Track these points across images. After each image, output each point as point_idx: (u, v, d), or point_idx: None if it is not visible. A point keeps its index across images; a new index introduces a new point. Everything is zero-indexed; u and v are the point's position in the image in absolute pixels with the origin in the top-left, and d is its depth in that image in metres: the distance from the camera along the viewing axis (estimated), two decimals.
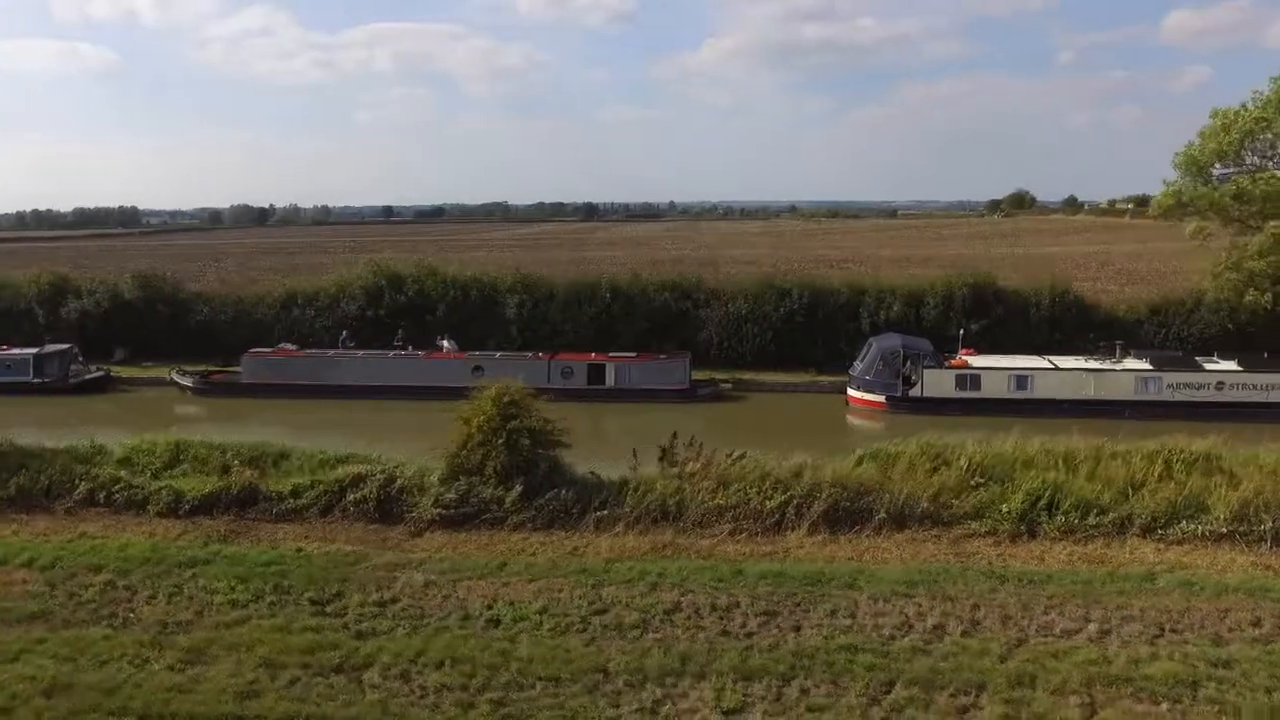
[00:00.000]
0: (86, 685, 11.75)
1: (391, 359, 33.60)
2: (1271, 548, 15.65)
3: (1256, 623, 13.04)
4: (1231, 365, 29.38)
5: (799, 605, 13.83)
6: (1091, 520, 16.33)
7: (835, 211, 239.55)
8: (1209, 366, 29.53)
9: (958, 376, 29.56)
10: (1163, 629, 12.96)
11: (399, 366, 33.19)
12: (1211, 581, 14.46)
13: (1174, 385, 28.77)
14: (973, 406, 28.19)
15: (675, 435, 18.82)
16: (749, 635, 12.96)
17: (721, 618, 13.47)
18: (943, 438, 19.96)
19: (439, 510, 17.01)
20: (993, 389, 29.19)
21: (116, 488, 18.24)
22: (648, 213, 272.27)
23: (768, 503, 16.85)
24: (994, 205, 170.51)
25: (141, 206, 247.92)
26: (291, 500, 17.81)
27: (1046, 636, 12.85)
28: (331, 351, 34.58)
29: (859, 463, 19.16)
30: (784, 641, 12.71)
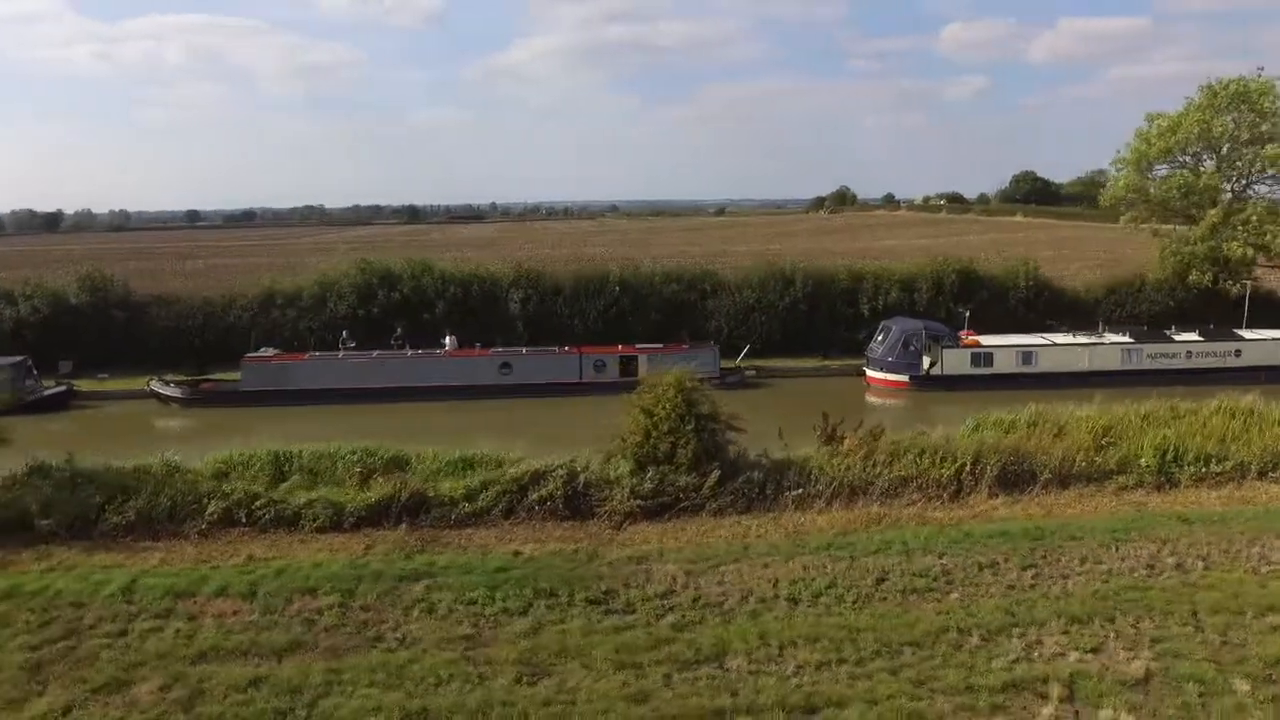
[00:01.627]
0: (447, 710, 10.86)
1: (411, 359, 31.67)
2: None
3: None
4: (1194, 336, 33.42)
5: (1045, 558, 14.90)
6: (1215, 467, 18.51)
7: (659, 210, 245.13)
8: (1177, 338, 33.44)
9: (973, 354, 31.88)
10: None
11: (421, 367, 31.33)
12: None
13: (1152, 355, 32.47)
14: (985, 382, 30.61)
15: (826, 416, 19.37)
16: (1031, 587, 13.87)
17: (994, 574, 14.30)
18: (963, 409, 22.15)
19: (637, 502, 16.70)
20: (1003, 365, 31.75)
21: (257, 505, 16.52)
22: (470, 214, 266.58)
23: (944, 471, 17.81)
24: (818, 202, 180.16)
25: None
26: (466, 504, 16.85)
27: (1267, 565, 14.61)
28: (340, 354, 32.13)
29: (975, 429, 20.63)
30: (1071, 588, 13.72)
